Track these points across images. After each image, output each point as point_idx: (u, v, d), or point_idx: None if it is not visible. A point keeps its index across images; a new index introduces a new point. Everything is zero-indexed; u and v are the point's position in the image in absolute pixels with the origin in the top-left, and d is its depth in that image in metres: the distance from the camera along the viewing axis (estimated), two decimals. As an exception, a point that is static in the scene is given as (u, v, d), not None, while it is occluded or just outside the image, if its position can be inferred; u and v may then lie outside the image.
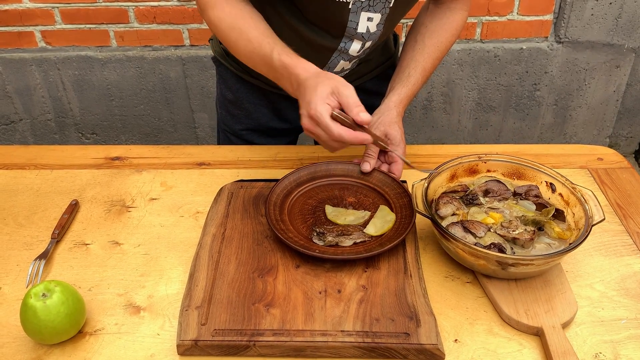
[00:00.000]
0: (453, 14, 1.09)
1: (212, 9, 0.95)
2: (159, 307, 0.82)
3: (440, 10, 1.09)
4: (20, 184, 1.08)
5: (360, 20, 0.99)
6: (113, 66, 2.28)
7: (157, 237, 0.95)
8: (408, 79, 1.06)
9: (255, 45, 0.92)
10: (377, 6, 0.97)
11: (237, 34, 0.94)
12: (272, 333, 0.74)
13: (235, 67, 1.19)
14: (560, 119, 2.42)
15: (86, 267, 0.89)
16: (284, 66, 0.89)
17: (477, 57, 2.25)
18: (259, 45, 0.92)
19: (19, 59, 2.27)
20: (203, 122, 2.43)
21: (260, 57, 0.92)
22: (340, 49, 1.04)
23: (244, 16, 0.94)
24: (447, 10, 1.09)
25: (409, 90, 1.05)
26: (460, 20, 1.10)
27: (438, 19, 1.09)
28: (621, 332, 0.78)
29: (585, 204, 0.86)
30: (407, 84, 1.05)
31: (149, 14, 2.17)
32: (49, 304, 0.72)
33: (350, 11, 0.96)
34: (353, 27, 1.00)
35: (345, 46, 1.04)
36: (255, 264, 0.85)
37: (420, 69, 1.06)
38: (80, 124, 2.44)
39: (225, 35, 0.96)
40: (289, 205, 0.96)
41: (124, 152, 1.18)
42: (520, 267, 0.79)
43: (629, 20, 2.16)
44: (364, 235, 0.89)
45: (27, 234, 0.96)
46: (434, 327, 0.74)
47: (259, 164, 1.14)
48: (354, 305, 0.78)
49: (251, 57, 0.95)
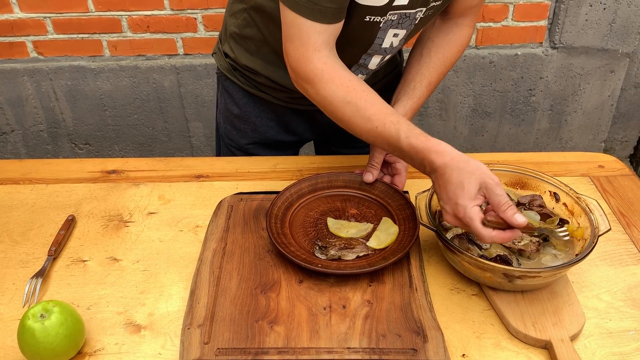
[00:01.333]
0: (460, 30, 1.09)
1: (320, 81, 0.89)
2: (159, 325, 0.80)
3: (447, 26, 1.09)
4: (15, 199, 1.06)
5: (386, 37, 0.98)
6: (106, 76, 2.25)
7: (157, 252, 0.93)
8: (413, 91, 1.05)
9: (377, 124, 0.86)
10: (404, 23, 0.96)
11: (352, 110, 0.88)
12: (277, 351, 0.72)
13: (243, 81, 1.17)
14: (555, 124, 2.42)
15: (84, 285, 0.87)
16: (415, 151, 0.83)
17: (472, 64, 2.25)
18: (382, 125, 0.86)
19: (11, 69, 2.24)
20: (198, 131, 2.41)
21: (383, 137, 0.87)
22: (360, 63, 1.04)
23: (356, 89, 0.89)
24: (454, 25, 1.09)
25: (414, 103, 1.05)
26: (466, 37, 1.10)
27: (445, 34, 1.08)
28: (630, 343, 0.77)
29: (590, 213, 0.85)
30: (412, 96, 1.05)
31: (142, 23, 2.16)
32: (48, 325, 0.70)
33: (380, 29, 0.96)
34: (379, 43, 0.99)
35: (365, 61, 1.03)
36: (257, 280, 0.84)
37: (425, 82, 1.06)
38: (73, 134, 2.42)
39: (337, 110, 0.89)
40: (290, 218, 0.95)
41: (121, 165, 1.16)
42: (527, 280, 0.78)
43: (623, 25, 2.17)
44: (367, 249, 0.88)
45: (22, 251, 0.94)
46: (441, 342, 0.73)
47: (258, 175, 1.13)
48: (360, 321, 0.77)
49: (370, 135, 0.88)
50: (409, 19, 0.96)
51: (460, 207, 0.77)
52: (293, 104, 1.15)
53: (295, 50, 0.89)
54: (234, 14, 1.11)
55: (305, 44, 0.88)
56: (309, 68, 0.89)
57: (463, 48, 1.11)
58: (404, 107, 1.04)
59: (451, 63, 1.10)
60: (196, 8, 2.11)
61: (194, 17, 2.14)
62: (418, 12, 0.95)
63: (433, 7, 0.96)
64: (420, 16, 0.96)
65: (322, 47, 0.89)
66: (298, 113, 1.18)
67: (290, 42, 0.89)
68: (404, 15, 0.94)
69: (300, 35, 0.88)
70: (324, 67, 0.88)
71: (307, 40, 0.88)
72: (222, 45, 1.19)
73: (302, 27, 0.87)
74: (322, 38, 0.88)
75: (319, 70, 0.88)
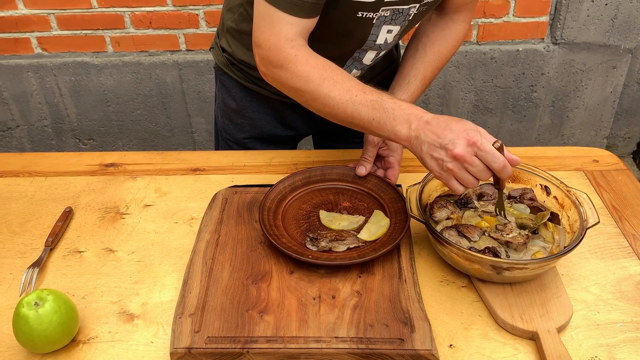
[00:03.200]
0: (455, 25, 1.09)
1: (295, 64, 0.88)
2: (152, 314, 0.81)
3: (443, 21, 1.09)
4: (15, 192, 1.08)
5: (380, 33, 0.99)
6: (109, 72, 2.27)
7: (152, 243, 0.95)
8: (408, 86, 1.06)
9: (356, 92, 0.86)
10: (398, 19, 0.97)
11: (330, 84, 0.87)
12: (266, 340, 0.73)
13: (240, 76, 1.18)
14: (557, 120, 2.42)
15: (80, 275, 0.89)
16: (402, 107, 0.84)
17: (474, 59, 2.25)
18: (362, 93, 0.86)
19: (15, 65, 2.27)
20: (200, 127, 2.43)
21: (363, 104, 0.86)
22: (355, 57, 1.04)
23: (332, 67, 0.89)
24: (450, 21, 1.09)
25: (408, 97, 1.05)
26: (462, 32, 1.10)
27: (440, 29, 1.09)
28: (617, 335, 0.77)
29: (579, 206, 0.85)
30: (407, 90, 1.06)
31: (144, 19, 2.17)
32: (42, 313, 0.72)
33: (373, 25, 0.97)
34: (373, 39, 1.00)
35: (360, 55, 1.04)
36: (249, 270, 0.85)
37: (420, 77, 1.07)
38: (77, 129, 2.44)
39: (315, 89, 0.88)
40: (283, 210, 0.96)
41: (119, 159, 1.18)
42: (515, 271, 0.79)
43: (625, 21, 2.16)
44: (357, 241, 0.89)
45: (20, 241, 0.95)
46: (428, 332, 0.74)
47: (253, 169, 1.14)
48: (348, 311, 0.78)
49: (349, 105, 0.87)
50: (403, 15, 0.96)
51: (473, 132, 0.77)
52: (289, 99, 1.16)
53: (266, 40, 0.88)
54: (231, 8, 1.12)
55: (278, 34, 0.87)
56: (282, 55, 0.88)
57: (459, 43, 1.12)
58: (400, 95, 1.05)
59: (446, 58, 1.11)
60: (198, 4, 2.13)
61: (195, 13, 2.15)
62: (411, 8, 0.95)
63: (427, 4, 0.97)
64: (414, 12, 0.97)
65: (295, 37, 0.88)
66: (294, 108, 1.19)
67: (261, 32, 0.89)
68: (397, 11, 0.95)
69: (272, 26, 0.87)
70: (298, 53, 0.88)
71: (279, 31, 0.87)
72: (219, 40, 1.20)
73: (275, 17, 0.87)
74: (295, 30, 0.88)
75: (293, 56, 0.88)
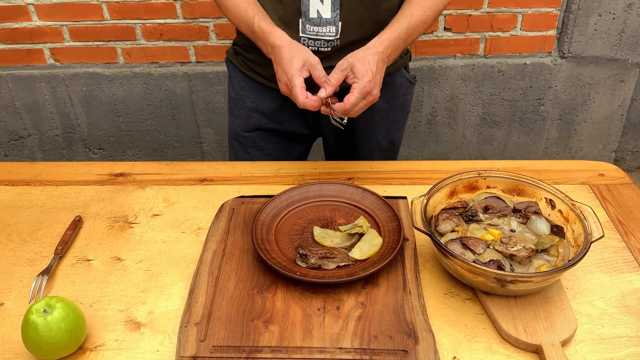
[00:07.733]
0: None
1: None
2: (159, 323, 0.82)
3: None
4: (26, 200, 1.10)
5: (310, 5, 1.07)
6: (120, 82, 2.30)
7: (159, 253, 0.96)
8: (390, 26, 1.06)
9: (242, 9, 1.09)
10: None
11: (232, 2, 1.11)
12: (270, 350, 0.74)
13: (242, 64, 1.26)
14: (565, 133, 2.42)
15: (88, 283, 0.90)
16: (262, 31, 1.04)
17: (481, 72, 2.26)
18: (245, 11, 1.08)
19: (28, 75, 2.30)
20: (209, 138, 2.45)
21: (244, 21, 1.09)
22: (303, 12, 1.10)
23: None
24: None
25: (391, 33, 1.04)
26: None
27: None
28: (621, 349, 0.77)
29: (584, 220, 0.86)
30: (389, 28, 1.06)
31: (155, 31, 2.20)
32: (50, 320, 0.73)
33: None
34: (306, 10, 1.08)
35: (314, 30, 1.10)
36: (255, 281, 0.86)
37: (405, 22, 1.06)
38: (87, 139, 2.47)
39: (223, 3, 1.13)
40: (278, 225, 0.97)
41: (128, 169, 1.19)
42: (519, 284, 0.79)
43: (633, 35, 2.16)
44: (348, 259, 0.89)
45: (30, 249, 0.97)
46: (432, 344, 0.74)
47: (261, 180, 1.15)
48: (353, 322, 0.78)
49: (238, 21, 1.11)
50: None
51: (289, 76, 0.99)
52: None
53: None
54: None
55: None
56: None
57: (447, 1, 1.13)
58: (379, 37, 1.04)
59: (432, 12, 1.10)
60: (208, 17, 2.16)
61: (206, 25, 2.18)
62: None
63: None
64: None
65: None
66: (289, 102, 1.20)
67: None
68: None
69: None
70: None
71: None
72: None
73: None
74: None
75: None
